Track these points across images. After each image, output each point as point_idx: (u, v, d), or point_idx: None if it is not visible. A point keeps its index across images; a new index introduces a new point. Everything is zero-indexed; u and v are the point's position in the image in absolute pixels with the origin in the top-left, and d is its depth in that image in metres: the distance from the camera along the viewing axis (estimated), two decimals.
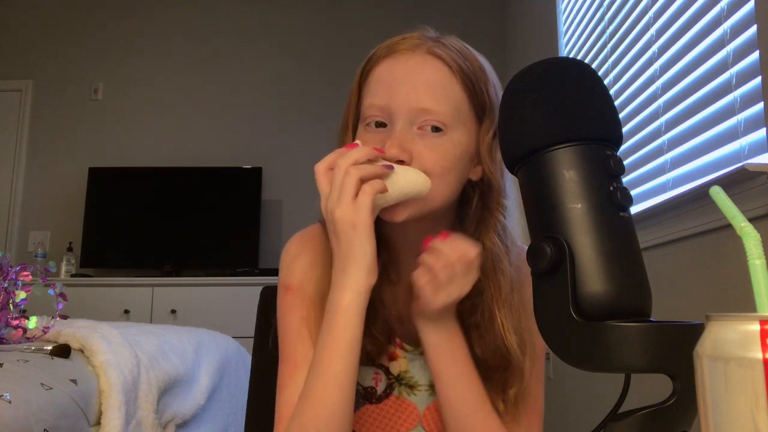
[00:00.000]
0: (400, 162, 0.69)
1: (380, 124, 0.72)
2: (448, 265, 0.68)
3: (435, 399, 0.77)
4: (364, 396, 0.79)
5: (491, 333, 0.73)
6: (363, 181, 0.64)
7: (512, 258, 0.75)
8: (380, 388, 0.79)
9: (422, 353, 0.76)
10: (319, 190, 0.68)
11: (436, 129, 0.70)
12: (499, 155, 0.71)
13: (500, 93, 0.70)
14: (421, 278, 0.69)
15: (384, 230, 0.75)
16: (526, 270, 0.58)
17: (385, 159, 0.69)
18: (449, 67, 0.71)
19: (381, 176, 0.64)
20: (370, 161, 0.66)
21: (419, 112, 0.70)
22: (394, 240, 0.77)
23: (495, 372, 0.74)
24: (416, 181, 0.67)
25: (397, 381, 0.79)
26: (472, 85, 0.72)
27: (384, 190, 0.64)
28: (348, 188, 0.63)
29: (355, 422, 0.77)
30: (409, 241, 0.75)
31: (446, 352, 0.72)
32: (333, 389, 0.66)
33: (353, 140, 0.76)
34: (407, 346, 0.80)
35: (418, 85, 0.70)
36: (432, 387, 0.78)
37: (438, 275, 0.68)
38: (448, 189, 0.71)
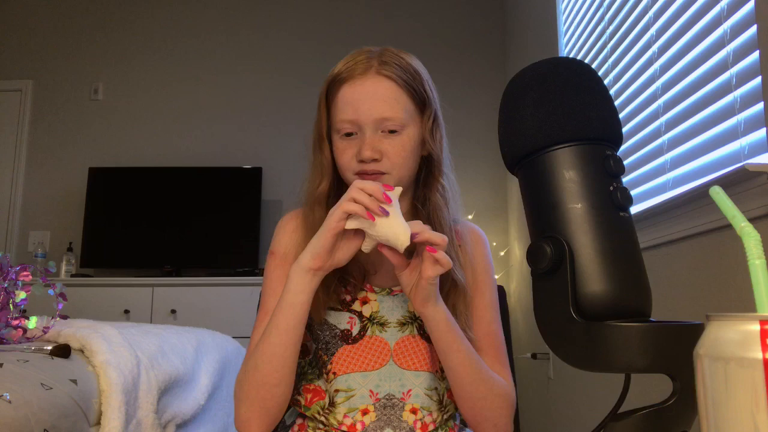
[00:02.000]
0: (374, 160, 0.89)
1: (349, 134, 0.91)
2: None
3: (403, 335, 0.95)
4: (341, 338, 0.94)
5: None
6: (355, 201, 0.81)
7: (449, 208, 0.97)
8: (355, 330, 0.94)
9: (389, 294, 0.96)
10: None
11: (394, 131, 0.90)
12: (438, 134, 0.95)
13: (430, 81, 0.96)
14: (406, 287, 0.85)
15: None
16: (471, 235, 1.00)
17: (378, 170, 0.91)
18: (396, 82, 0.91)
19: (366, 208, 0.81)
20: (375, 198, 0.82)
21: (381, 121, 0.89)
22: None
23: (447, 296, 0.93)
24: (398, 236, 0.80)
25: (370, 321, 0.95)
26: (414, 90, 0.92)
27: (362, 215, 0.81)
28: (346, 197, 0.82)
29: (335, 361, 0.93)
30: None
31: (447, 329, 0.87)
32: (275, 333, 0.85)
33: (330, 147, 0.94)
34: (377, 289, 0.97)
35: (376, 100, 0.90)
36: (400, 324, 0.95)
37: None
38: (409, 171, 0.93)
